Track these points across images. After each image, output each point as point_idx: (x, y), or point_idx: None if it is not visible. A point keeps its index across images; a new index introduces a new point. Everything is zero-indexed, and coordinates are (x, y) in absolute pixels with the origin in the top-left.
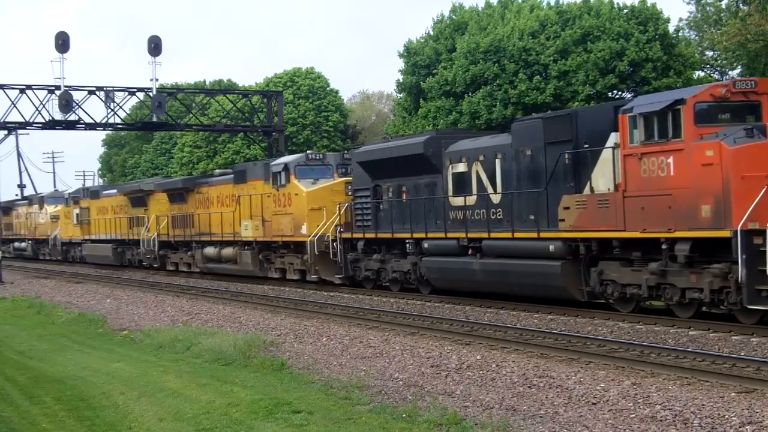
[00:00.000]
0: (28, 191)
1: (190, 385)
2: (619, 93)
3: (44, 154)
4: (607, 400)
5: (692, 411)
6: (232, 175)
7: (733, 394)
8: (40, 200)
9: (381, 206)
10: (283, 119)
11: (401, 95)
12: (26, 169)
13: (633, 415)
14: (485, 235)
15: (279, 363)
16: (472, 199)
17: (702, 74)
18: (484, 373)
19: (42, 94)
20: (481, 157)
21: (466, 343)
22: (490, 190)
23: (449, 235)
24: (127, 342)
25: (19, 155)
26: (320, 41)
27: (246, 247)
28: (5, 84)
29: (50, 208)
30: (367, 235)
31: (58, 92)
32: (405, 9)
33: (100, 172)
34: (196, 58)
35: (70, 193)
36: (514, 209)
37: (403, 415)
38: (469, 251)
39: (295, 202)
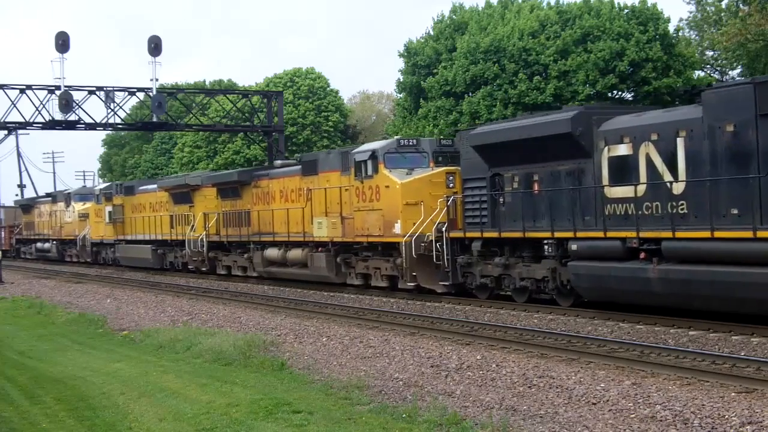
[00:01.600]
0: (28, 191)
1: (190, 385)
2: (620, 93)
3: (44, 154)
4: (607, 400)
5: (692, 411)
6: (299, 166)
7: (733, 394)
8: (67, 197)
9: (502, 199)
10: (283, 119)
11: (401, 95)
12: (26, 169)
13: (633, 415)
14: (667, 234)
15: (279, 363)
16: (640, 189)
17: (702, 74)
18: (484, 373)
19: (42, 94)
20: (654, 136)
21: (466, 343)
22: (667, 177)
23: (609, 234)
24: (127, 342)
25: (19, 155)
26: (320, 41)
27: (319, 249)
28: (5, 84)
29: (78, 206)
30: (487, 235)
31: (58, 92)
32: (405, 9)
33: (100, 172)
34: (197, 58)
35: (101, 189)
36: (706, 201)
37: (403, 415)
38: (641, 254)
39: (386, 196)
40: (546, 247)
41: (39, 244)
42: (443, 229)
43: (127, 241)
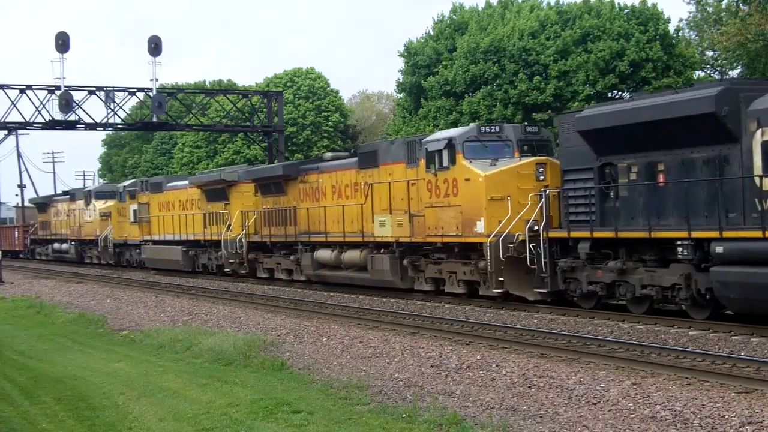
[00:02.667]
0: (29, 191)
1: (190, 385)
2: (620, 93)
3: (44, 154)
4: (607, 400)
5: (692, 411)
6: (354, 159)
7: (733, 394)
8: (87, 195)
9: (614, 193)
10: (283, 119)
11: (401, 95)
12: (26, 169)
13: (633, 415)
14: None
15: (279, 363)
16: None
17: (702, 74)
18: (484, 373)
19: (42, 94)
20: None
21: (466, 343)
22: None
23: None
24: (127, 342)
25: (19, 155)
26: (320, 41)
27: (381, 250)
28: (5, 84)
29: (99, 204)
30: (599, 234)
31: (58, 92)
32: (405, 9)
33: (100, 172)
34: (198, 58)
35: (125, 186)
36: None
37: (403, 415)
38: None
39: (466, 191)
40: (679, 249)
41: (56, 245)
42: (537, 227)
43: (154, 241)
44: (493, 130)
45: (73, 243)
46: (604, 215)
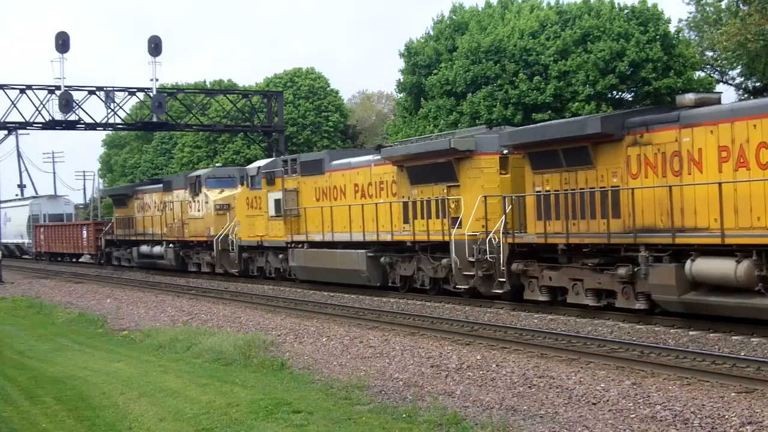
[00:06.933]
0: (29, 191)
1: (190, 385)
2: (620, 93)
3: (44, 154)
4: (607, 400)
5: (692, 411)
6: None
7: (733, 394)
8: (195, 182)
9: None
10: (283, 119)
11: (401, 95)
12: (26, 169)
13: (633, 415)
14: None
15: (279, 363)
16: None
17: (702, 74)
18: (484, 373)
19: (42, 94)
20: None
21: (466, 343)
22: None
23: None
24: (127, 342)
25: (19, 155)
26: (320, 42)
27: None
28: (5, 84)
29: (214, 194)
30: None
31: (58, 92)
32: (405, 9)
33: (100, 172)
34: (200, 58)
35: (259, 168)
36: None
37: (403, 415)
38: None
39: None
40: None
41: (144, 248)
42: None
43: (310, 243)
44: None
45: (171, 246)
46: None
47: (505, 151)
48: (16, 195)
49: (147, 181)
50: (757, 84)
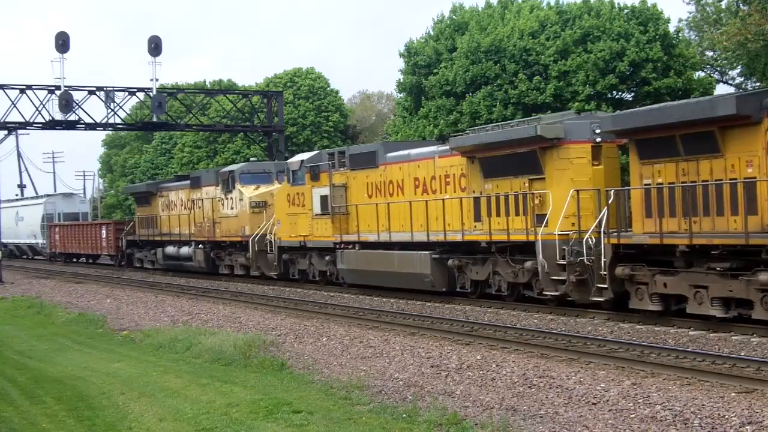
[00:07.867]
0: (29, 191)
1: (190, 385)
2: (620, 93)
3: (44, 154)
4: (607, 400)
5: (692, 411)
6: None
7: (733, 394)
8: (228, 178)
9: None
10: (283, 119)
11: (401, 95)
12: (26, 169)
13: (633, 415)
14: None
15: (279, 363)
16: None
17: (702, 75)
18: (484, 373)
19: (42, 94)
20: None
21: (466, 343)
22: None
23: None
24: (127, 342)
25: (19, 155)
26: (320, 42)
27: None
28: (5, 84)
29: (249, 191)
30: None
31: (58, 92)
32: (405, 9)
33: (100, 172)
34: (200, 58)
35: (302, 162)
36: None
37: (403, 415)
38: None
39: None
40: None
41: (170, 249)
42: None
43: (363, 244)
44: None
45: (200, 246)
46: None
47: (599, 139)
48: (16, 195)
49: (171, 178)
50: (757, 84)
